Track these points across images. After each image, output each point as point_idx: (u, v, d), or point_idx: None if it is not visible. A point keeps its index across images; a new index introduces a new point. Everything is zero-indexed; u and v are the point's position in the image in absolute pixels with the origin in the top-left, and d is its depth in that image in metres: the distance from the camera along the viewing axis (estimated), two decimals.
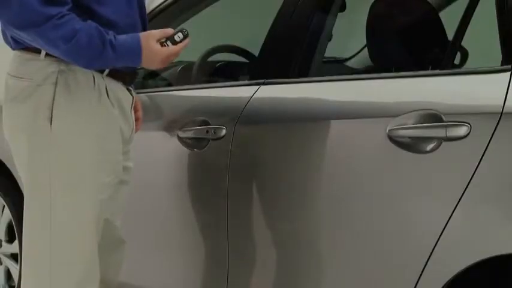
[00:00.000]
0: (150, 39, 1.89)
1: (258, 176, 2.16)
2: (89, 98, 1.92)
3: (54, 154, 1.89)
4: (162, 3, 2.63)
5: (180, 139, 2.36)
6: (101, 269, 2.07)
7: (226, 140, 2.22)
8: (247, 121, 2.19)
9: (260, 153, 2.17)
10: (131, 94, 2.07)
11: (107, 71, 1.95)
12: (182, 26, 2.72)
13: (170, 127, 2.39)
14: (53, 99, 1.88)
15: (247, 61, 3.08)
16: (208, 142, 2.28)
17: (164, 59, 1.92)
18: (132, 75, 2.08)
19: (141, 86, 2.47)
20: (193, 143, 2.33)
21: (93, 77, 1.92)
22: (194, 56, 2.92)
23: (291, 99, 2.16)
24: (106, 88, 1.95)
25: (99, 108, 1.93)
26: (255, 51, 2.73)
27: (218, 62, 3.04)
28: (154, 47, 1.89)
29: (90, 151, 1.91)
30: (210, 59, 2.99)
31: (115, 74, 1.98)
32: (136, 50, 1.88)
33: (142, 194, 2.45)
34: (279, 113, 2.16)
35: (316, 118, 2.05)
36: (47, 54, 1.89)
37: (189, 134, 2.33)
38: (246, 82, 2.34)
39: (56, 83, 1.88)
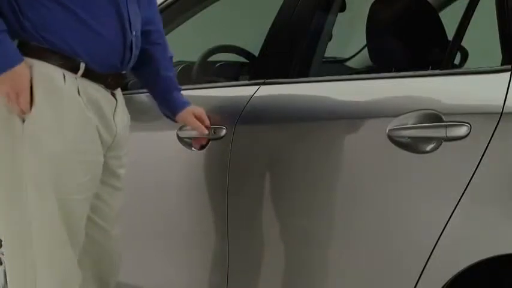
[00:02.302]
0: (25, 73, 1.84)
1: (258, 176, 2.16)
2: (58, 97, 1.88)
3: (25, 153, 1.87)
4: (162, 3, 2.63)
5: (180, 139, 2.36)
6: (97, 272, 2.08)
7: (226, 140, 2.22)
8: (247, 121, 2.19)
9: (260, 153, 2.17)
10: (115, 98, 2.03)
11: (81, 72, 1.91)
12: (182, 26, 2.73)
13: (170, 127, 2.38)
14: None
15: (247, 61, 3.08)
16: (208, 142, 2.28)
17: (14, 86, 1.83)
18: (116, 78, 2.02)
19: (141, 86, 2.47)
20: (193, 143, 2.34)
21: (64, 76, 1.89)
22: (194, 56, 2.93)
23: (291, 99, 2.17)
24: (78, 89, 1.91)
25: (69, 108, 1.90)
26: (255, 51, 2.73)
27: (218, 62, 3.04)
28: (22, 75, 1.83)
29: (59, 151, 1.89)
30: (210, 59, 2.99)
31: (91, 75, 1.94)
32: (7, 63, 1.82)
33: (141, 194, 2.45)
34: (278, 113, 2.16)
35: (316, 118, 2.05)
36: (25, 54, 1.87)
37: (189, 134, 2.33)
38: (246, 82, 2.34)
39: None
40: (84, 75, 1.92)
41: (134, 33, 2.00)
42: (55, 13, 1.87)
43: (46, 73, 1.88)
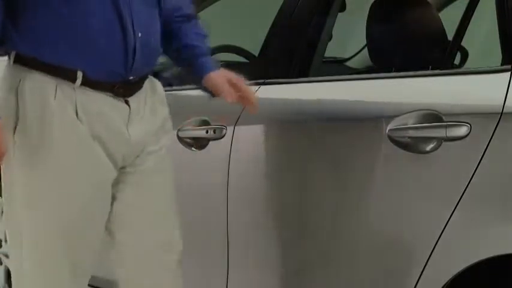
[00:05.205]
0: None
1: (258, 176, 2.16)
2: (46, 113, 1.72)
3: (15, 168, 1.75)
4: None
5: (180, 139, 2.36)
6: None
7: (226, 140, 2.22)
8: (247, 121, 2.19)
9: (260, 153, 2.17)
10: (128, 104, 1.81)
11: (78, 81, 1.72)
12: None
13: None
14: (16, 109, 1.72)
15: (247, 61, 3.08)
16: (208, 142, 2.28)
17: None
18: (125, 86, 1.80)
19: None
20: (193, 143, 2.33)
21: (56, 91, 1.72)
22: None
23: (291, 99, 2.16)
24: (76, 102, 1.73)
25: (57, 126, 1.72)
26: (255, 51, 2.73)
27: (218, 62, 3.04)
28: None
29: (46, 171, 1.74)
30: None
31: (93, 84, 1.75)
32: None
33: None
34: (279, 113, 2.16)
35: (316, 118, 2.05)
36: (15, 61, 1.74)
37: (189, 134, 2.33)
38: (246, 82, 2.34)
39: (16, 92, 1.72)
40: (85, 84, 1.74)
41: (140, 35, 1.77)
42: (44, 20, 1.70)
43: (35, 80, 1.73)
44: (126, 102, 1.81)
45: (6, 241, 3.10)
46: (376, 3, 2.23)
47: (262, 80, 2.24)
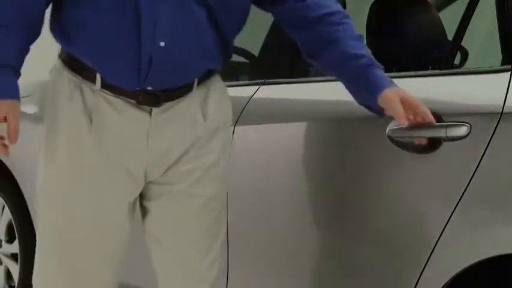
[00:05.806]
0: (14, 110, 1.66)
1: (258, 176, 2.16)
2: (58, 112, 1.70)
3: (41, 153, 1.76)
4: None
5: None
6: None
7: None
8: (247, 121, 2.19)
9: (260, 153, 2.17)
10: (151, 114, 1.68)
11: (99, 82, 1.66)
12: None
13: None
14: (49, 100, 1.74)
15: (247, 61, 3.08)
16: None
17: None
18: (147, 95, 1.67)
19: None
20: None
21: (74, 89, 1.68)
22: None
23: (291, 99, 2.16)
24: (92, 107, 1.67)
25: (67, 127, 1.69)
26: (255, 51, 2.73)
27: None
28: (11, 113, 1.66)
29: (55, 170, 1.73)
30: None
31: (115, 89, 1.66)
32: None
33: None
34: (279, 113, 2.16)
35: (316, 118, 2.05)
36: (59, 54, 1.74)
37: None
38: (246, 82, 2.34)
39: (50, 87, 1.74)
40: (105, 88, 1.66)
41: (162, 44, 1.62)
42: (66, 13, 1.65)
43: (59, 85, 1.71)
44: (151, 112, 1.69)
45: (6, 241, 3.10)
46: (376, 3, 2.23)
47: (262, 80, 2.24)
